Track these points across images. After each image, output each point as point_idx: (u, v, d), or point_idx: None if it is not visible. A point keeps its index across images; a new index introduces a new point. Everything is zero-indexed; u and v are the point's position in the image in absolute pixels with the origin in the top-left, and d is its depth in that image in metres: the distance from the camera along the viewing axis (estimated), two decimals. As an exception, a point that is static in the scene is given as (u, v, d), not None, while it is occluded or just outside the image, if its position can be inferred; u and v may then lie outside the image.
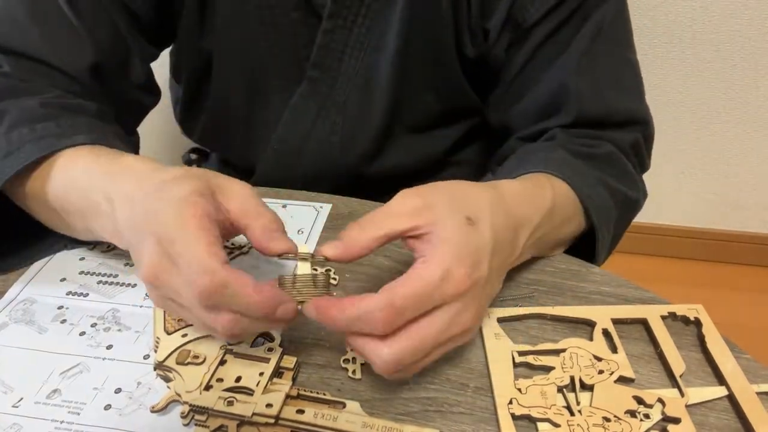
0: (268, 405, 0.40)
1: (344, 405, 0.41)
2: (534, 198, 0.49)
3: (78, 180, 0.47)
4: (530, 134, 0.64)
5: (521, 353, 0.45)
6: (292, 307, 0.38)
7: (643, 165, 0.66)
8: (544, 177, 0.53)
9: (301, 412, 0.40)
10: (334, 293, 0.41)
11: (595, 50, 0.60)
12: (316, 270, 0.40)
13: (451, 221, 0.39)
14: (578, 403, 0.42)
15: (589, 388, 0.43)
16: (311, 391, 0.42)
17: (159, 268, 0.38)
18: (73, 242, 0.55)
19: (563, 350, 0.46)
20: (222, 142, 0.77)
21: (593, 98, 0.61)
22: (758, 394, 0.42)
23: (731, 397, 0.43)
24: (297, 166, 0.70)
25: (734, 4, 1.32)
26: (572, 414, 0.41)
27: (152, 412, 0.41)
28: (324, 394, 0.42)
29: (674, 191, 1.60)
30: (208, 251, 0.37)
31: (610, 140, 0.61)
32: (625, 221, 0.61)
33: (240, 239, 0.57)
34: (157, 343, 0.45)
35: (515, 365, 0.45)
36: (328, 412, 0.40)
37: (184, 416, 0.40)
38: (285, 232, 0.42)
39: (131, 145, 0.59)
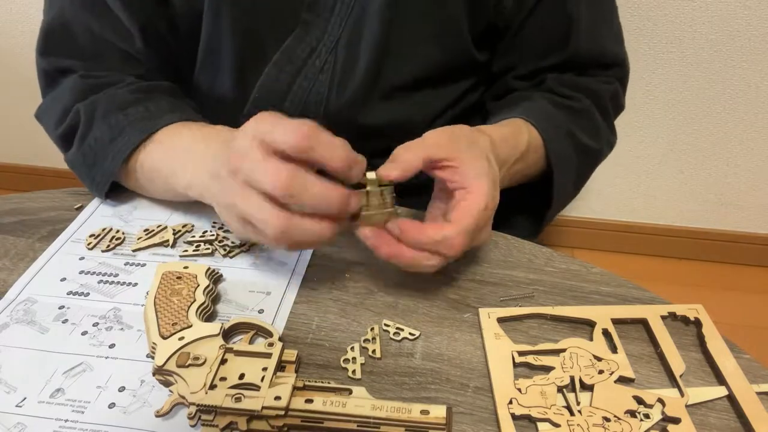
0: (277, 398, 0.40)
1: (350, 391, 0.42)
2: (513, 141, 0.59)
3: (167, 153, 0.57)
4: (526, 73, 0.71)
5: (521, 353, 0.46)
6: (356, 200, 0.47)
7: (619, 107, 0.75)
8: (523, 124, 0.63)
9: (309, 401, 0.40)
10: (398, 210, 0.49)
11: None
12: (380, 187, 0.48)
13: (479, 160, 0.49)
14: (578, 403, 0.42)
15: (589, 388, 0.43)
16: (317, 381, 0.42)
17: (236, 196, 0.46)
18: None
19: (563, 350, 0.46)
20: (212, 102, 0.75)
21: (590, 39, 0.68)
22: (758, 394, 0.43)
23: (731, 397, 0.43)
24: (285, 102, 0.68)
25: (734, 4, 1.32)
26: (572, 414, 0.41)
27: (157, 416, 0.41)
28: (329, 383, 0.42)
29: (674, 191, 1.60)
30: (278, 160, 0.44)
31: (593, 93, 0.70)
32: (585, 168, 0.72)
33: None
34: (154, 348, 0.45)
35: (515, 365, 0.45)
36: (336, 399, 0.40)
37: (191, 417, 0.40)
38: (353, 152, 0.47)
39: (198, 113, 0.64)
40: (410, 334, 0.48)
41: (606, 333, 0.48)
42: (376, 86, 0.68)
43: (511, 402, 0.42)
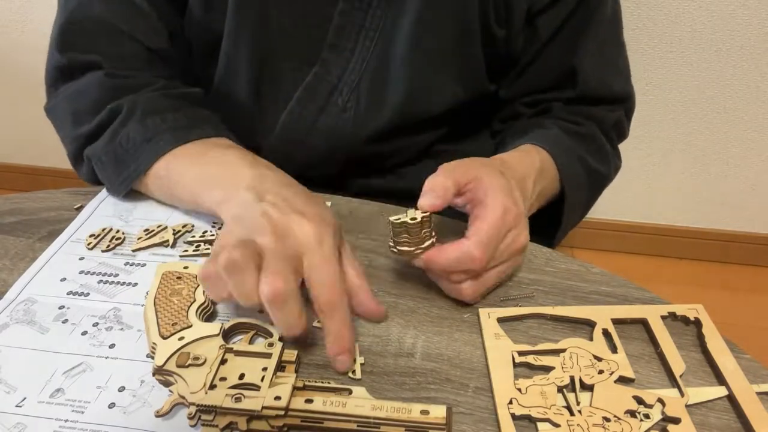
0: (277, 398, 0.40)
1: (350, 391, 0.42)
2: (527, 160, 0.61)
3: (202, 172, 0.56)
4: (533, 101, 0.73)
5: (521, 353, 0.46)
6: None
7: (622, 135, 0.78)
8: (532, 147, 0.64)
9: (309, 401, 0.40)
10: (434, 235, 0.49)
11: (602, 38, 0.69)
12: (415, 218, 0.47)
13: (494, 175, 0.50)
14: (578, 403, 0.42)
15: (589, 388, 0.43)
16: (317, 381, 0.42)
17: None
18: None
19: (563, 350, 0.46)
20: (228, 120, 0.76)
21: (596, 81, 0.70)
22: (758, 394, 0.43)
23: (731, 397, 0.43)
24: (307, 141, 0.69)
25: (734, 4, 1.32)
26: (572, 414, 0.41)
27: (157, 416, 0.41)
28: (329, 383, 0.42)
29: (674, 191, 1.60)
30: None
31: (598, 119, 0.71)
32: (594, 191, 0.74)
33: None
34: (154, 348, 0.45)
35: (515, 365, 0.45)
36: (336, 399, 0.40)
37: (191, 417, 0.40)
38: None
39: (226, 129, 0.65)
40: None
41: (606, 333, 0.48)
42: (402, 125, 0.69)
43: (511, 402, 0.42)
